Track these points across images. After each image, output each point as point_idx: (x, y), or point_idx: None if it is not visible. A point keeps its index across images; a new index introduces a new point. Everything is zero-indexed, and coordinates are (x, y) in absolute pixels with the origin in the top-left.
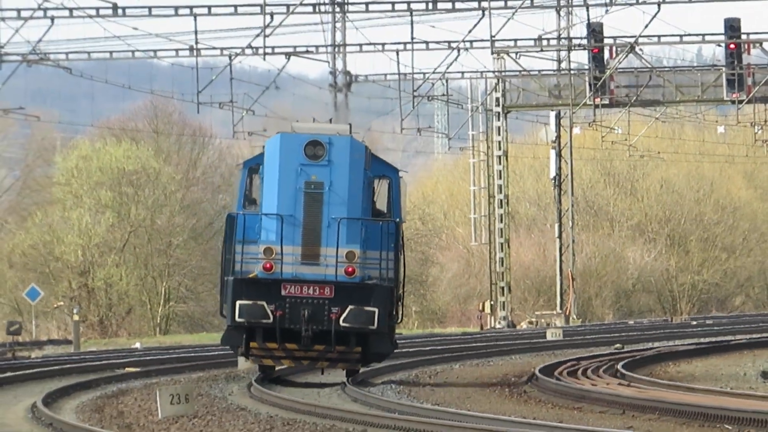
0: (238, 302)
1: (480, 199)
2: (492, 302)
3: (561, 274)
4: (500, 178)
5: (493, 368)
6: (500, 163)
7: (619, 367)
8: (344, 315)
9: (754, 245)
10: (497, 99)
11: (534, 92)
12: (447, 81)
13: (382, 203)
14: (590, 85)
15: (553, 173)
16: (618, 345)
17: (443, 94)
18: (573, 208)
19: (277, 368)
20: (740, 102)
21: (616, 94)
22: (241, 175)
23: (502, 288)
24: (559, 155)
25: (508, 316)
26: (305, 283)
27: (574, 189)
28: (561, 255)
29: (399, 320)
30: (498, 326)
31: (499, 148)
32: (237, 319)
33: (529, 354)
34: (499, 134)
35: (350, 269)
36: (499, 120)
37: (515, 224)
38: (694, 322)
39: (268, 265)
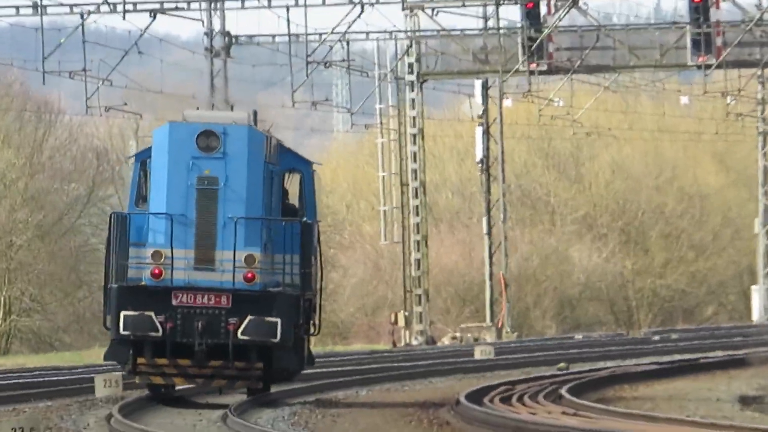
0: (122, 313)
1: (391, 188)
2: (407, 313)
3: (491, 279)
4: (415, 161)
5: (408, 394)
6: (415, 144)
7: (563, 391)
8: (243, 326)
9: (727, 243)
10: (410, 65)
11: (455, 56)
12: (348, 43)
13: (293, 200)
14: (524, 47)
15: (479, 155)
16: (562, 365)
17: (344, 60)
18: (504, 199)
19: (176, 387)
20: (708, 67)
21: (556, 59)
22: (133, 169)
23: (419, 296)
24: (486, 133)
25: (426, 331)
26: (199, 291)
27: (505, 175)
28: (491, 256)
29: (315, 332)
30: (414, 342)
31: (414, 125)
32: (122, 331)
33: (452, 376)
34: (413, 108)
35: (250, 275)
36: (413, 91)
37: (434, 218)
38: (656, 337)
39: (156, 271)
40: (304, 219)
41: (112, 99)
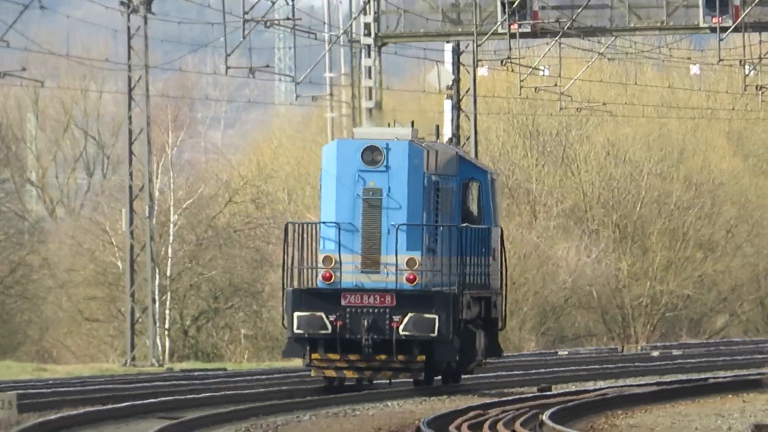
0: (296, 313)
1: None
2: None
3: None
4: None
5: (360, 420)
6: (371, 119)
7: (544, 418)
8: (404, 323)
9: (743, 240)
10: (367, 25)
11: (421, 16)
12: None
13: (473, 207)
14: (503, 4)
15: (449, 133)
16: (544, 385)
17: (288, 18)
18: None
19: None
20: (723, 30)
21: (542, 18)
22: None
23: None
24: (457, 107)
25: None
26: (365, 292)
27: (479, 157)
28: None
29: (502, 327)
30: None
31: (370, 97)
32: (296, 330)
33: (412, 399)
34: (369, 77)
35: (412, 277)
36: (370, 56)
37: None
38: (656, 353)
39: (327, 275)
40: (483, 225)
41: (9, 63)
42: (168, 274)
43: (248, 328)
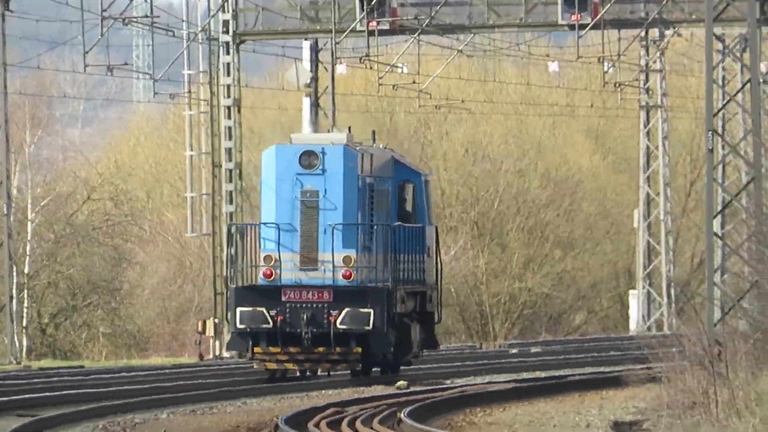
0: (238, 309)
1: (200, 171)
2: (217, 320)
3: None
4: (230, 138)
5: (218, 417)
6: (230, 117)
7: (402, 415)
8: (341, 317)
9: (602, 237)
10: (225, 22)
11: (280, 13)
12: None
13: (409, 207)
14: (362, 2)
15: (307, 131)
16: (402, 382)
17: (146, 16)
18: None
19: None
20: (582, 27)
21: (401, 16)
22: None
23: None
24: (316, 105)
25: None
26: (304, 288)
27: None
28: None
29: (437, 320)
30: (226, 355)
31: (228, 95)
32: (238, 325)
33: (271, 396)
34: (227, 74)
35: (347, 273)
36: (228, 53)
37: (252, 206)
38: (514, 350)
39: (268, 272)
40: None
41: None
42: (26, 271)
43: (106, 326)
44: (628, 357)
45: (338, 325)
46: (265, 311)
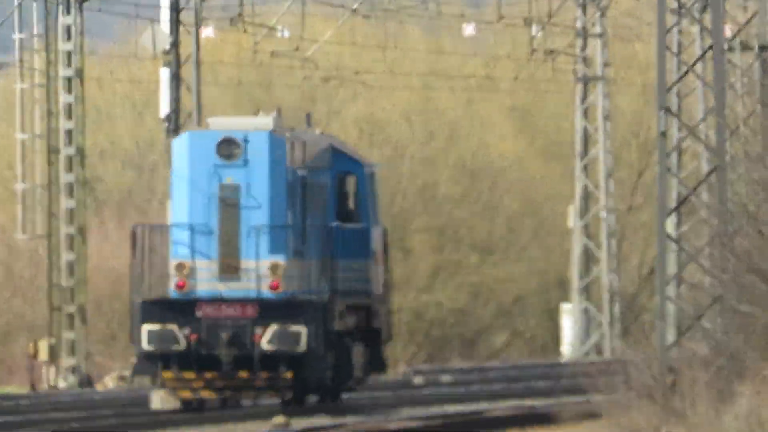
0: (145, 327)
1: (33, 156)
2: (53, 342)
3: None
4: (70, 117)
5: None
6: (71, 92)
7: None
8: (267, 336)
9: (528, 240)
10: None
11: None
12: None
13: (350, 204)
14: None
15: (166, 109)
16: (279, 419)
17: None
18: None
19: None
20: None
21: None
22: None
23: (71, 316)
24: (177, 77)
25: (81, 368)
26: (223, 301)
27: None
28: None
29: (387, 338)
30: (62, 385)
31: (69, 64)
32: (145, 346)
33: None
34: (69, 39)
35: (275, 283)
36: (69, 13)
37: (97, 201)
38: (419, 379)
39: (180, 283)
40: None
41: None
42: None
43: None
44: (560, 388)
45: (264, 346)
46: (176, 329)
